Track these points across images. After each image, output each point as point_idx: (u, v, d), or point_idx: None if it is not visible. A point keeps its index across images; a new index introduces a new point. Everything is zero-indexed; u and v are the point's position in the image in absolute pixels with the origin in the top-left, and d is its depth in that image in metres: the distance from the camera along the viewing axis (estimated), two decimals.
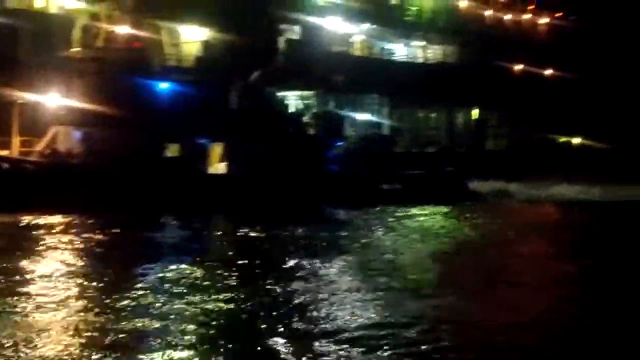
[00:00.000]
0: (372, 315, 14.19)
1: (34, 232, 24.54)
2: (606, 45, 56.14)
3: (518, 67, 52.08)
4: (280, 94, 38.46)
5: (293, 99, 39.75)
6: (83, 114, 32.14)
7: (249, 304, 15.05)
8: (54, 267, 18.58)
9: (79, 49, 33.51)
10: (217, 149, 34.77)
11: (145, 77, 32.89)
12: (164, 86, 33.25)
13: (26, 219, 26.75)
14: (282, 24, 38.62)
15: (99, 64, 32.75)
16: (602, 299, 16.34)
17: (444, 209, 33.98)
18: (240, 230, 26.30)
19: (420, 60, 47.81)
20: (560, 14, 55.82)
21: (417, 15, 46.83)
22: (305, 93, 39.90)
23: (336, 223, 29.09)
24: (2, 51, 32.42)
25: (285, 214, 29.77)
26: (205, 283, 17.03)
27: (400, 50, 47.23)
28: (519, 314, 14.57)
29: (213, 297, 15.53)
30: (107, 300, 15.05)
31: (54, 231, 24.72)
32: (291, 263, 19.78)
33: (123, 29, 33.97)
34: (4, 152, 32.00)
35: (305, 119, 38.16)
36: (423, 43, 47.62)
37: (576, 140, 55.22)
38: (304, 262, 19.71)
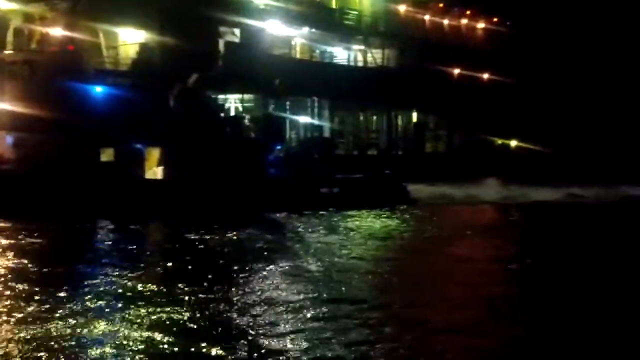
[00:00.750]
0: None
1: None
2: (541, 49, 57.04)
3: (456, 71, 52.57)
4: (219, 97, 38.00)
5: (233, 103, 39.33)
6: (15, 117, 31.44)
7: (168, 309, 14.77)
8: None
9: (11, 51, 32.56)
10: (154, 154, 34.19)
11: (79, 80, 32.16)
12: (99, 90, 32.55)
13: None
14: (221, 27, 38.14)
15: (32, 66, 32.01)
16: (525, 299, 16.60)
17: (382, 212, 34.09)
18: (176, 236, 25.97)
19: (361, 64, 47.83)
20: (497, 19, 56.49)
21: (357, 19, 46.88)
22: (245, 96, 39.54)
23: (272, 228, 28.88)
24: None
25: (223, 219, 29.40)
26: (136, 290, 16.76)
27: (341, 54, 47.23)
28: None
29: (134, 305, 15.24)
30: (28, 307, 14.73)
31: None
32: (223, 270, 19.53)
33: (57, 31, 33.15)
34: None
35: (245, 122, 37.80)
36: (363, 47, 47.66)
37: (514, 143, 55.99)
38: (236, 268, 19.46)
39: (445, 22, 53.20)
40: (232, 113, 39.19)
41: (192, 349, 12.51)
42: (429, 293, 17.59)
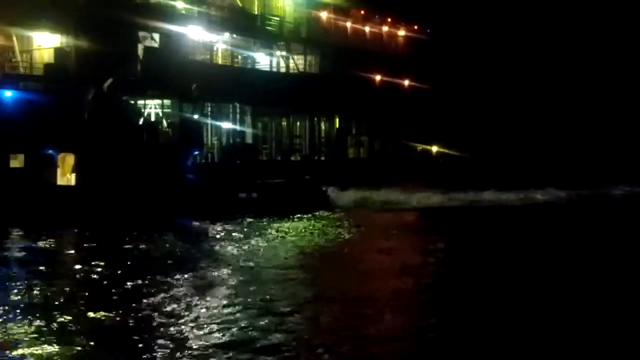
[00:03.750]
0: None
1: None
2: (459, 56, 57.57)
3: (378, 77, 52.57)
4: (137, 102, 37.00)
5: (152, 108, 38.30)
6: None
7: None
8: None
9: None
10: (68, 160, 33.20)
11: None
12: (8, 94, 31.33)
13: None
14: (140, 31, 37.20)
15: None
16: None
17: (300, 217, 33.73)
18: (83, 245, 25.27)
19: (283, 70, 47.32)
20: (417, 26, 56.74)
21: (279, 25, 46.41)
22: (165, 102, 38.55)
23: (185, 235, 28.19)
24: None
25: (136, 226, 28.68)
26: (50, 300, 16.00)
27: (263, 60, 46.62)
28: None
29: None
30: None
31: None
32: (137, 280, 18.69)
33: None
34: None
35: (162, 128, 36.93)
36: (285, 53, 47.17)
37: (434, 149, 56.30)
38: (150, 279, 18.74)
39: (367, 29, 53.19)
40: (152, 118, 38.27)
41: None
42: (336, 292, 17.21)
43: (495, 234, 29.58)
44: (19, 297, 16.51)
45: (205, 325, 14.05)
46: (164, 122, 37.67)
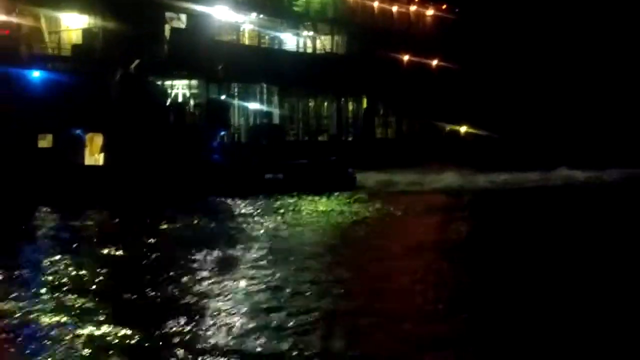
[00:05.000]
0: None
1: None
2: (488, 35, 56.92)
3: (406, 57, 52.20)
4: (164, 83, 37.18)
5: (179, 89, 38.48)
6: None
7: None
8: None
9: None
10: (96, 140, 33.43)
11: (16, 65, 31.21)
12: (37, 75, 31.65)
13: None
14: (167, 12, 37.33)
15: None
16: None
17: (325, 198, 33.67)
18: (115, 223, 25.44)
19: (310, 51, 47.19)
20: (445, 6, 56.18)
21: (306, 5, 46.22)
22: (191, 82, 38.70)
23: (211, 215, 28.10)
24: None
25: (164, 205, 28.87)
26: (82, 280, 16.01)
27: (290, 40, 46.53)
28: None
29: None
30: None
31: None
32: (163, 259, 18.61)
33: None
34: None
35: (189, 108, 37.05)
36: (312, 33, 47.01)
37: (463, 129, 55.87)
38: (177, 257, 18.60)
39: (394, 8, 52.74)
40: (179, 99, 38.41)
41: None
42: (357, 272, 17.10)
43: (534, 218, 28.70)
44: (51, 277, 16.42)
45: (236, 306, 13.72)
46: (191, 103, 37.85)
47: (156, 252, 19.55)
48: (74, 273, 16.68)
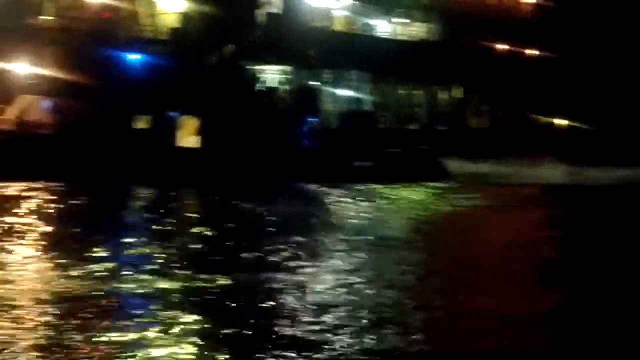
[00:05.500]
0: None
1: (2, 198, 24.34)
2: (587, 24, 55.02)
3: (500, 45, 51.08)
4: (256, 68, 37.58)
5: (269, 74, 38.68)
6: (52, 83, 31.70)
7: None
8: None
9: (49, 17, 32.63)
10: (189, 122, 34.16)
11: (115, 48, 32.30)
12: (134, 57, 32.60)
13: None
14: None
15: (69, 33, 32.14)
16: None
17: (415, 187, 33.42)
18: (209, 204, 26.01)
19: (403, 37, 46.79)
20: None
21: None
22: (283, 68, 38.95)
23: (300, 200, 28.56)
24: None
25: (254, 188, 29.23)
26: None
27: (383, 27, 46.24)
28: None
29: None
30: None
31: (19, 198, 24.48)
32: (253, 242, 18.64)
33: None
34: None
35: (280, 94, 37.39)
36: (405, 20, 46.59)
37: (559, 121, 54.34)
38: (265, 240, 18.69)
39: None
40: (270, 84, 38.70)
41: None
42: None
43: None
44: (144, 258, 16.57)
45: (322, 293, 13.48)
46: (282, 88, 38.07)
47: (247, 235, 19.67)
48: (166, 253, 16.73)
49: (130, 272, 14.48)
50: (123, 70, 32.40)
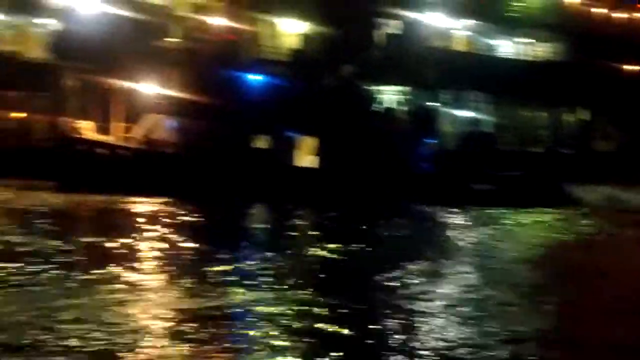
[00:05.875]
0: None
1: (128, 214, 25.62)
2: None
3: (629, 66, 49.07)
4: (374, 88, 37.68)
5: (387, 94, 38.69)
6: (177, 103, 32.80)
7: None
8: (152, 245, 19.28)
9: (175, 39, 33.84)
10: (307, 142, 34.62)
11: (237, 69, 33.11)
12: (255, 78, 33.23)
13: (120, 201, 27.81)
14: (381, 18, 37.81)
15: (193, 55, 33.21)
16: None
17: (538, 213, 32.28)
18: (325, 225, 25.98)
19: (526, 57, 45.75)
20: None
21: (523, 11, 44.85)
22: (401, 88, 38.88)
23: (419, 221, 28.33)
24: (105, 38, 33.03)
25: (371, 209, 29.39)
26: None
27: (504, 47, 45.39)
28: None
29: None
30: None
31: (147, 214, 25.59)
32: (372, 263, 18.78)
33: (220, 21, 34.16)
34: (104, 137, 33.16)
35: (397, 114, 37.33)
36: (528, 40, 45.56)
37: None
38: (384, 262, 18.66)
39: (616, 15, 49.74)
40: (388, 105, 38.67)
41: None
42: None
43: None
44: (268, 271, 16.84)
45: (443, 319, 13.13)
46: (400, 109, 37.97)
47: (366, 256, 19.67)
48: (286, 270, 17.06)
49: (255, 290, 14.74)
50: (244, 90, 33.19)
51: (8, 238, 19.37)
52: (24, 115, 35.98)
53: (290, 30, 36.46)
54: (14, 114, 36.35)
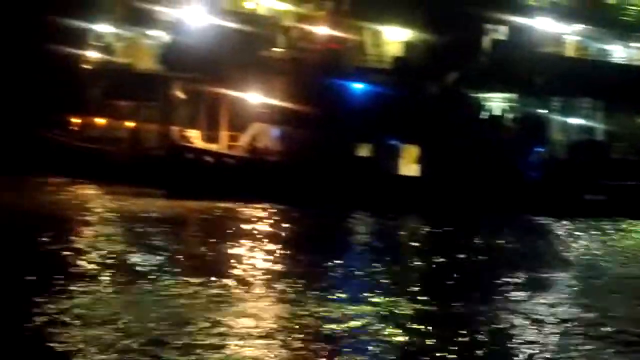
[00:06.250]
0: None
1: (238, 220, 26.03)
2: None
3: None
4: (480, 95, 37.16)
5: (494, 102, 38.09)
6: (281, 112, 33.27)
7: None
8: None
9: (280, 49, 34.39)
10: (410, 151, 34.43)
11: (340, 77, 33.35)
12: (358, 87, 33.46)
13: (228, 208, 28.36)
14: (487, 23, 37.23)
15: (298, 64, 33.60)
16: None
17: None
18: (429, 234, 25.89)
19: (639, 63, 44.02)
20: None
21: (636, 15, 43.17)
22: (508, 95, 38.19)
23: (527, 233, 27.61)
24: (212, 52, 33.75)
25: (476, 220, 29.15)
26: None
27: (618, 52, 43.82)
28: None
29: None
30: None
31: (254, 221, 26.01)
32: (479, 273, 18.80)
33: (324, 30, 34.47)
34: (211, 146, 33.97)
35: (505, 122, 36.68)
36: None
37: None
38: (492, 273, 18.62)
39: None
40: (495, 112, 38.00)
41: None
42: None
43: None
44: (379, 286, 16.80)
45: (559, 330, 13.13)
46: (507, 117, 37.32)
47: (471, 266, 19.56)
48: (393, 278, 17.16)
49: (365, 296, 14.89)
50: (348, 99, 33.37)
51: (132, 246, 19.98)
52: (135, 124, 37.01)
53: (394, 38, 36.41)
54: (126, 123, 37.47)
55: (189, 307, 13.64)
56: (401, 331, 12.53)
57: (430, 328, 13.00)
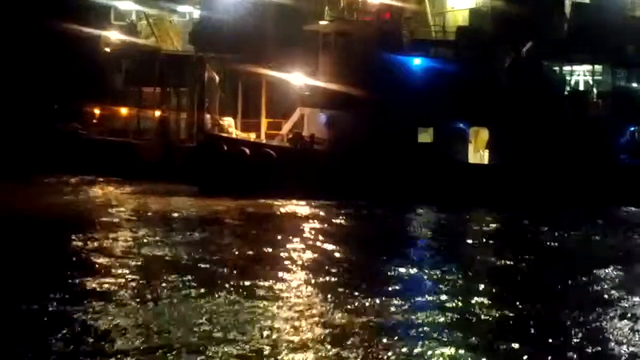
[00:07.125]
0: None
1: (280, 218, 25.22)
2: None
3: None
4: (561, 68, 34.03)
5: (578, 75, 35.20)
6: (329, 95, 31.13)
7: None
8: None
9: (326, 22, 32.37)
10: (481, 135, 32.06)
11: (396, 52, 31.08)
12: (418, 62, 31.22)
13: (269, 205, 27.29)
14: None
15: (346, 38, 31.50)
16: None
17: None
18: (497, 230, 24.47)
19: None
20: None
21: None
22: (595, 67, 34.84)
23: (619, 226, 25.66)
24: (249, 29, 32.34)
25: (558, 212, 27.43)
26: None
27: None
28: None
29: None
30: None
31: (303, 218, 25.20)
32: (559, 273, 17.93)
33: None
34: (250, 136, 32.51)
35: (592, 98, 33.53)
36: None
37: None
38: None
39: None
40: (579, 87, 35.20)
41: None
42: None
43: None
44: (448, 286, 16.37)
45: None
46: (594, 92, 34.18)
47: (547, 264, 19.10)
48: (470, 280, 16.84)
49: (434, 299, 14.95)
50: (406, 77, 30.90)
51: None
52: (163, 113, 35.77)
53: (458, 5, 33.57)
54: (152, 113, 36.18)
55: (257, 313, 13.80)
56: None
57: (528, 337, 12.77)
